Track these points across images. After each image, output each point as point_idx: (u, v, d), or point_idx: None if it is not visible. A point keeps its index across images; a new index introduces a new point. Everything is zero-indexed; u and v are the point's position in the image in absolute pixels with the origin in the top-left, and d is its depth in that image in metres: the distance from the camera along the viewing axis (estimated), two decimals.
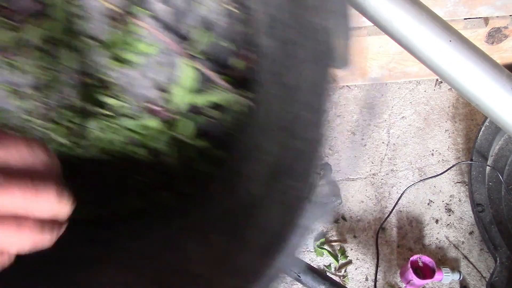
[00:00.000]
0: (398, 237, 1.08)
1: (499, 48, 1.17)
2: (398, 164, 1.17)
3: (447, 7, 1.04)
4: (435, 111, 1.24)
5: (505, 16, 1.08)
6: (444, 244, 1.07)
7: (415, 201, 1.12)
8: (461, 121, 1.22)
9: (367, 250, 1.07)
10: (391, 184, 1.14)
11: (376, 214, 1.11)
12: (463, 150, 1.18)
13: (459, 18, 1.09)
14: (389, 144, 1.19)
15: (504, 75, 0.49)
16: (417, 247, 1.07)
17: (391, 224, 1.09)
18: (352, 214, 1.11)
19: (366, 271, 1.05)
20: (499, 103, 0.49)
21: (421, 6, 0.50)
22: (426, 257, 0.97)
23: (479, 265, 1.05)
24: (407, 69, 1.22)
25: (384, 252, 1.06)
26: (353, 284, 1.04)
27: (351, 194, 1.13)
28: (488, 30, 1.11)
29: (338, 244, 1.08)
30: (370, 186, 1.14)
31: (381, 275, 1.04)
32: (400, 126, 1.22)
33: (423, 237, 1.08)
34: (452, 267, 1.03)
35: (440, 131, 1.21)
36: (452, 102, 1.25)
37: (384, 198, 1.13)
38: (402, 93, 1.26)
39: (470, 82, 0.50)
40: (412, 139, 1.20)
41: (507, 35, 1.13)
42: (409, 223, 1.10)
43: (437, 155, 1.18)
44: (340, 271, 1.05)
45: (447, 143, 1.19)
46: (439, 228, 1.09)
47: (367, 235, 1.08)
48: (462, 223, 1.10)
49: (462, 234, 1.08)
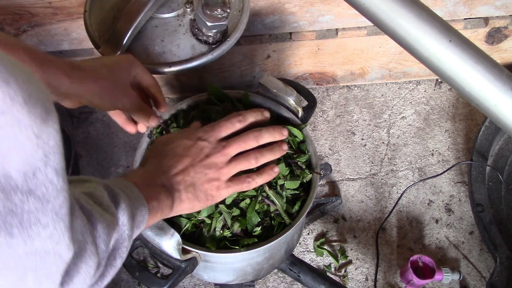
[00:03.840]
0: (398, 237, 1.08)
1: (499, 48, 1.17)
2: (398, 164, 1.17)
3: (447, 7, 1.04)
4: (435, 111, 1.24)
5: (505, 16, 1.08)
6: (444, 244, 1.07)
7: (415, 201, 1.12)
8: (461, 121, 1.22)
9: (367, 250, 1.07)
10: (391, 184, 1.14)
11: (376, 214, 1.11)
12: (463, 150, 1.18)
13: (459, 18, 1.09)
14: (389, 144, 1.19)
15: (504, 75, 0.49)
16: (417, 247, 1.07)
17: (391, 224, 1.09)
18: (352, 214, 1.11)
19: (366, 271, 1.05)
20: (499, 103, 0.49)
21: (421, 6, 0.50)
22: (426, 257, 0.97)
23: (479, 265, 1.05)
24: (407, 69, 1.22)
25: (384, 252, 1.06)
26: (353, 284, 1.04)
27: (351, 194, 1.13)
28: (488, 30, 1.11)
29: (338, 244, 1.08)
30: (370, 186, 1.14)
31: (381, 275, 1.04)
32: (400, 126, 1.22)
33: (423, 237, 1.08)
34: (452, 267, 1.03)
35: (440, 131, 1.21)
36: (452, 102, 1.25)
37: (384, 198, 1.13)
38: (402, 93, 1.26)
39: (470, 82, 0.50)
40: (412, 139, 1.20)
41: (507, 35, 1.13)
42: (409, 223, 1.10)
43: (437, 155, 1.18)
44: (340, 271, 1.05)
45: (447, 143, 1.19)
46: (439, 228, 1.09)
47: (367, 235, 1.08)
48: (462, 223, 1.10)
49: (462, 234, 1.08)
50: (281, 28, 1.06)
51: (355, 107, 1.24)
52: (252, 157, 0.63)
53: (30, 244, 0.31)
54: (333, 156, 1.18)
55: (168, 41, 0.75)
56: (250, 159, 0.63)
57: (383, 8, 0.51)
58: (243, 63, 1.14)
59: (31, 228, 0.31)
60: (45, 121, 0.29)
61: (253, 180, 0.63)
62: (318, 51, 1.14)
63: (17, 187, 0.29)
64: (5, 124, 0.27)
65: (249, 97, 0.80)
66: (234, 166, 0.62)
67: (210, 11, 0.69)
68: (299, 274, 0.93)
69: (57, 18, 0.99)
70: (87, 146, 1.20)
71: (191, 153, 0.61)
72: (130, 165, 1.18)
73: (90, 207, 0.41)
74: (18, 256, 0.31)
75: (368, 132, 1.21)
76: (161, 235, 0.63)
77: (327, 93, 1.25)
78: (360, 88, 1.27)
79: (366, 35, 1.10)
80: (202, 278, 0.88)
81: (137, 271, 0.69)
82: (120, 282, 1.05)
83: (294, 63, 1.17)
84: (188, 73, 1.16)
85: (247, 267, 0.78)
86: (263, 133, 0.65)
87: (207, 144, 0.62)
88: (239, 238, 0.70)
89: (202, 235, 0.70)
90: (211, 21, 0.69)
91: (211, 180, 0.61)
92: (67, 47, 1.08)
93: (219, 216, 0.68)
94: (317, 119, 1.22)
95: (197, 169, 0.60)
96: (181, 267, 0.67)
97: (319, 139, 1.20)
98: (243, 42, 1.09)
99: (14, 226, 0.30)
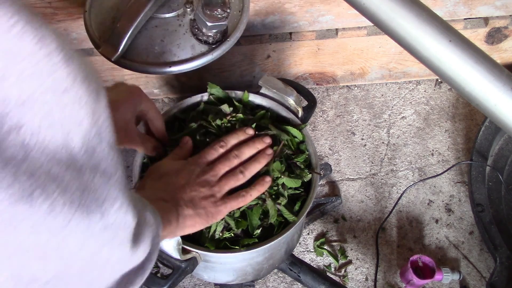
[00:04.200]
0: (398, 237, 1.08)
1: (499, 48, 1.17)
2: (398, 164, 1.17)
3: (447, 7, 1.04)
4: (435, 111, 1.24)
5: (505, 16, 1.08)
6: (444, 244, 1.07)
7: (415, 201, 1.12)
8: (461, 121, 1.22)
9: (367, 250, 1.07)
10: (391, 184, 1.14)
11: (376, 214, 1.11)
12: (463, 150, 1.18)
13: (459, 18, 1.09)
14: (389, 144, 1.19)
15: (504, 75, 0.49)
16: (417, 247, 1.07)
17: (391, 224, 1.09)
18: (352, 214, 1.11)
19: (366, 271, 1.05)
20: (499, 103, 0.49)
21: (421, 6, 0.50)
22: (426, 257, 0.97)
23: (479, 265, 1.05)
24: (407, 69, 1.22)
25: (384, 252, 1.06)
26: (353, 284, 1.04)
27: (351, 194, 1.13)
28: (488, 30, 1.11)
29: (338, 244, 1.08)
30: (370, 186, 1.14)
31: (381, 275, 1.04)
32: (400, 126, 1.22)
33: (423, 237, 1.08)
34: (452, 267, 1.03)
35: (440, 131, 1.21)
36: (452, 102, 1.25)
37: (384, 198, 1.13)
38: (402, 93, 1.26)
39: (470, 82, 0.50)
40: (412, 139, 1.20)
41: (507, 35, 1.13)
42: (409, 223, 1.10)
43: (437, 155, 1.18)
44: (340, 271, 1.05)
45: (447, 143, 1.19)
46: (439, 228, 1.09)
47: (367, 235, 1.08)
48: (462, 223, 1.10)
49: (462, 234, 1.08)
50: (281, 28, 1.06)
51: (355, 107, 1.24)
52: (238, 172, 0.69)
53: (106, 219, 0.32)
54: (333, 156, 1.18)
55: (168, 41, 0.75)
56: (236, 174, 0.69)
57: (383, 8, 0.51)
58: (243, 63, 1.14)
59: (104, 203, 0.31)
60: (98, 97, 0.30)
61: (247, 193, 0.68)
62: (318, 51, 1.14)
63: (83, 164, 0.30)
64: (69, 102, 0.28)
65: (249, 97, 0.80)
66: (225, 183, 0.68)
67: (210, 11, 0.69)
68: (299, 274, 0.93)
69: (57, 18, 0.99)
70: None
71: (184, 175, 0.66)
72: (130, 165, 1.17)
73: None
74: (96, 233, 0.32)
75: (368, 132, 1.21)
76: None
77: (327, 93, 1.25)
78: (360, 88, 1.27)
79: (366, 35, 1.10)
80: (202, 278, 0.88)
81: None
82: None
83: (294, 63, 1.17)
84: (188, 73, 1.16)
85: (247, 267, 0.78)
86: (242, 149, 0.71)
87: (197, 167, 0.68)
88: (239, 238, 0.70)
89: (202, 235, 0.70)
90: (211, 21, 0.69)
91: (207, 197, 0.65)
92: None
93: (219, 221, 0.68)
94: (317, 119, 1.22)
95: (192, 188, 0.65)
96: (181, 267, 0.67)
97: (319, 139, 1.20)
98: (243, 42, 1.09)
99: (91, 203, 0.30)
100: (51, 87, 0.27)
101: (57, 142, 0.28)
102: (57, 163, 0.28)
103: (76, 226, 0.30)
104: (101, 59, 0.71)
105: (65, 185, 0.29)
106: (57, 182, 0.28)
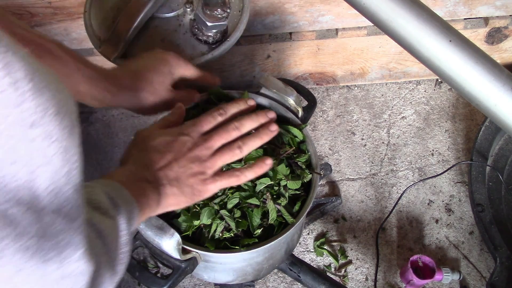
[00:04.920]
0: (398, 237, 1.08)
1: (499, 48, 1.17)
2: (398, 164, 1.17)
3: (447, 7, 1.04)
4: (435, 111, 1.24)
5: (505, 16, 1.08)
6: (444, 244, 1.07)
7: (415, 201, 1.12)
8: (461, 121, 1.22)
9: (367, 250, 1.07)
10: (391, 184, 1.14)
11: (376, 214, 1.11)
12: (463, 150, 1.18)
13: (459, 18, 1.09)
14: (389, 144, 1.19)
15: (504, 75, 0.49)
16: (417, 247, 1.07)
17: (391, 224, 1.09)
18: (352, 214, 1.11)
19: (366, 271, 1.05)
20: (499, 103, 0.49)
21: (421, 6, 0.50)
22: (426, 257, 0.97)
23: (479, 265, 1.05)
24: (407, 69, 1.22)
25: (384, 252, 1.06)
26: (353, 284, 1.04)
27: (351, 194, 1.13)
28: (488, 30, 1.11)
29: (338, 244, 1.08)
30: (370, 186, 1.14)
31: (381, 275, 1.04)
32: (400, 126, 1.22)
33: (423, 237, 1.08)
34: (452, 267, 1.03)
35: (440, 131, 1.21)
36: (452, 102, 1.25)
37: (384, 198, 1.13)
38: (402, 93, 1.26)
39: (470, 82, 0.50)
40: (412, 139, 1.20)
41: (507, 35, 1.13)
42: (409, 223, 1.10)
43: (437, 155, 1.18)
44: (340, 271, 1.05)
45: (447, 143, 1.19)
46: (439, 228, 1.09)
47: (367, 235, 1.08)
48: (462, 223, 1.10)
49: (462, 234, 1.08)
50: (281, 28, 1.06)
51: (355, 107, 1.24)
52: (235, 146, 0.61)
53: (65, 268, 0.29)
54: (333, 156, 1.18)
55: (168, 41, 0.75)
56: (233, 149, 0.61)
57: (383, 8, 0.51)
58: (243, 63, 1.14)
59: (65, 250, 0.29)
60: (71, 134, 0.28)
61: (242, 173, 0.61)
62: (318, 51, 1.14)
63: (46, 206, 0.27)
64: (37, 137, 0.26)
65: (249, 97, 0.80)
66: (219, 158, 0.60)
67: (210, 11, 0.69)
68: (299, 274, 0.93)
69: (57, 18, 0.99)
70: (87, 146, 1.20)
71: (173, 148, 0.59)
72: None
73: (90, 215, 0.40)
74: (51, 284, 0.29)
75: (368, 132, 1.21)
76: (161, 235, 0.63)
77: (327, 93, 1.25)
78: (360, 88, 1.27)
79: (366, 35, 1.10)
80: (202, 278, 0.88)
81: (137, 271, 0.69)
82: (120, 282, 1.05)
83: (294, 63, 1.17)
84: None
85: (247, 267, 0.77)
86: (244, 121, 0.63)
87: (189, 138, 0.60)
88: (239, 238, 0.70)
89: (202, 235, 0.70)
90: (211, 21, 0.69)
91: (196, 174, 0.59)
92: None
93: (219, 222, 0.68)
94: (317, 119, 1.22)
95: (180, 164, 0.59)
96: (181, 267, 0.67)
97: (319, 139, 1.20)
98: (243, 42, 1.09)
99: (49, 250, 0.28)
100: (17, 119, 0.25)
101: (20, 181, 0.26)
102: (16, 204, 0.26)
103: (27, 276, 0.27)
104: (101, 59, 0.71)
105: (22, 229, 0.26)
106: (13, 225, 0.26)
